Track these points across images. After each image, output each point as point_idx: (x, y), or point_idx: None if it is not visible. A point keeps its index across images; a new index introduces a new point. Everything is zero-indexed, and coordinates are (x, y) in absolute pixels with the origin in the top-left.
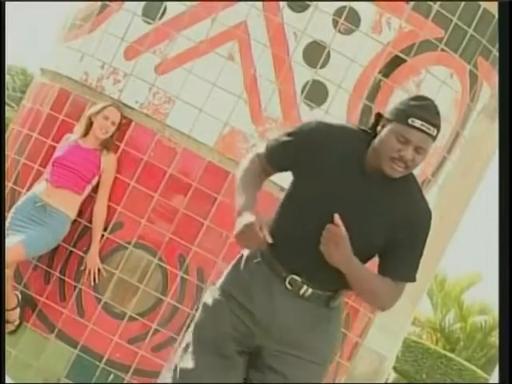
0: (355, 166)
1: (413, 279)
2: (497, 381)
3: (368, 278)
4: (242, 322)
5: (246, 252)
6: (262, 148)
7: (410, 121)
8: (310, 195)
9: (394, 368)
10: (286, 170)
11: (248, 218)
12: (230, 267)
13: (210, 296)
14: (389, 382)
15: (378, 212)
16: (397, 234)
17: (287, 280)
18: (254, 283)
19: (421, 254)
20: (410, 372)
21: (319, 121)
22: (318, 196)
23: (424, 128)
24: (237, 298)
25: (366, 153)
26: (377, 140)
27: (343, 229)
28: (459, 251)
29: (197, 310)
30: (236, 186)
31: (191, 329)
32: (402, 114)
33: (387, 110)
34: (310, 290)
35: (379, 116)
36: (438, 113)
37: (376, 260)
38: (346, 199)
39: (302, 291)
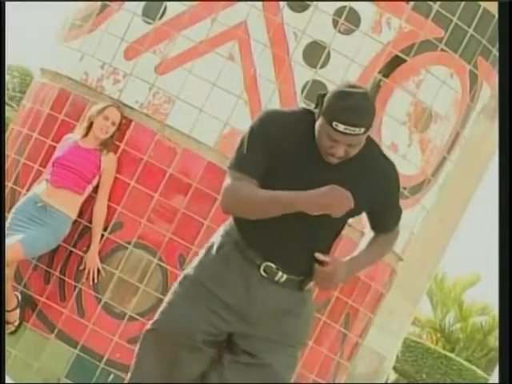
0: (313, 147)
1: (399, 219)
2: (497, 381)
3: (369, 259)
4: (215, 312)
5: (216, 240)
6: (234, 175)
7: (334, 124)
8: (278, 183)
9: (394, 368)
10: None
11: (325, 188)
12: (200, 256)
13: (179, 286)
14: (389, 382)
15: (346, 186)
16: (375, 198)
17: (262, 267)
18: (227, 271)
19: (398, 196)
20: (410, 372)
21: (269, 111)
22: (285, 183)
23: (348, 131)
24: (210, 287)
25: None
26: (315, 129)
27: (329, 262)
28: (459, 251)
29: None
30: (246, 201)
31: (156, 317)
32: (328, 115)
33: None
34: (285, 276)
35: (320, 97)
36: (363, 110)
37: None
38: (313, 181)
39: (277, 278)
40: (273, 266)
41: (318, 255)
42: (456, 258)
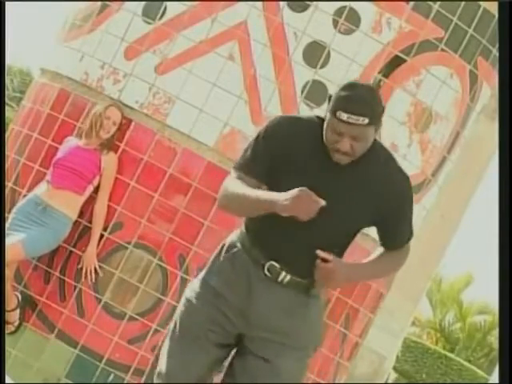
0: (322, 152)
1: (412, 235)
2: (497, 381)
3: (373, 271)
4: (221, 311)
5: (226, 242)
6: (234, 174)
7: (337, 114)
8: (286, 185)
9: (394, 368)
10: (270, 174)
11: (293, 191)
12: (211, 258)
13: (189, 289)
14: (389, 381)
15: (354, 192)
16: (383, 208)
17: (266, 267)
18: (232, 271)
19: (411, 213)
20: (410, 372)
21: (280, 116)
22: (293, 185)
23: (351, 120)
24: (215, 287)
25: None
26: (324, 129)
27: (331, 259)
28: (459, 251)
29: None
30: (233, 198)
31: (171, 322)
32: (332, 107)
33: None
34: (289, 277)
35: (330, 97)
36: (366, 100)
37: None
38: (321, 186)
39: (280, 278)
40: (276, 265)
41: (320, 252)
42: (456, 257)
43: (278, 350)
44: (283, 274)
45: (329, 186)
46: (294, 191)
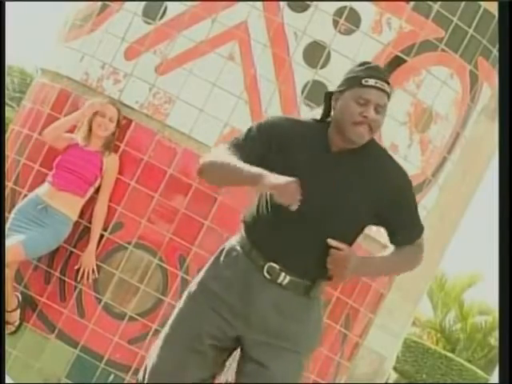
0: (322, 150)
1: (422, 230)
2: (497, 381)
3: (387, 265)
4: (220, 315)
5: (225, 247)
6: (223, 148)
7: (364, 82)
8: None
9: (395, 368)
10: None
11: (284, 178)
12: (210, 262)
13: (189, 292)
14: (389, 382)
15: (355, 189)
16: (385, 204)
17: (265, 268)
18: (232, 275)
19: (416, 208)
20: (411, 372)
21: (278, 116)
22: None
23: (378, 85)
24: (215, 290)
25: (327, 135)
26: (336, 112)
27: (344, 248)
28: (459, 251)
29: None
30: (219, 164)
31: (167, 325)
32: (355, 79)
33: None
34: (288, 278)
35: (329, 94)
36: (385, 70)
37: None
38: (321, 184)
39: (280, 279)
40: (276, 266)
41: (331, 241)
42: (456, 257)
43: (277, 354)
44: (283, 275)
45: (327, 185)
46: (289, 178)
